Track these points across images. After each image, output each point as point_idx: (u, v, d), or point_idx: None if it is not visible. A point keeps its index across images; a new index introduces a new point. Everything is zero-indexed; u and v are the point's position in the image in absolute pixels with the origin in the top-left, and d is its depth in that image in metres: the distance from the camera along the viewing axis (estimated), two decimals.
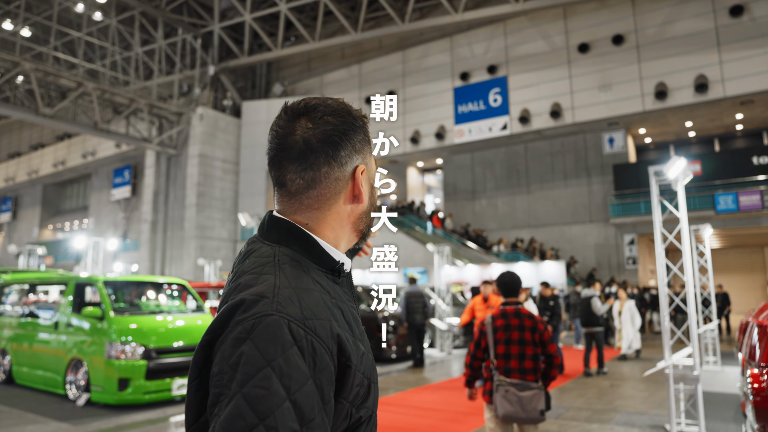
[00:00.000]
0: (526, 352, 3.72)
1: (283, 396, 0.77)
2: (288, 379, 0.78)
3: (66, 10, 26.31)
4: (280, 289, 0.86)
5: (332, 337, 0.86)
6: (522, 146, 24.34)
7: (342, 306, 0.96)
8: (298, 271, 0.92)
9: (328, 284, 0.96)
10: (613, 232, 21.85)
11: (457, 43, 24.31)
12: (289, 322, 0.82)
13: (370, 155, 1.06)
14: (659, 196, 5.79)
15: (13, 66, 20.90)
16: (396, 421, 6.50)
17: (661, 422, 6.22)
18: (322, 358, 0.83)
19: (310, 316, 0.84)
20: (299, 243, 0.97)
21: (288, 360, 0.79)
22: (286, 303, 0.84)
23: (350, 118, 1.01)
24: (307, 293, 0.88)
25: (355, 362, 0.89)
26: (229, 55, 27.81)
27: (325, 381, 0.83)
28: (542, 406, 3.66)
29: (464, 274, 21.06)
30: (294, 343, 0.80)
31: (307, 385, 0.80)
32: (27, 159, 38.77)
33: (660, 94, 19.45)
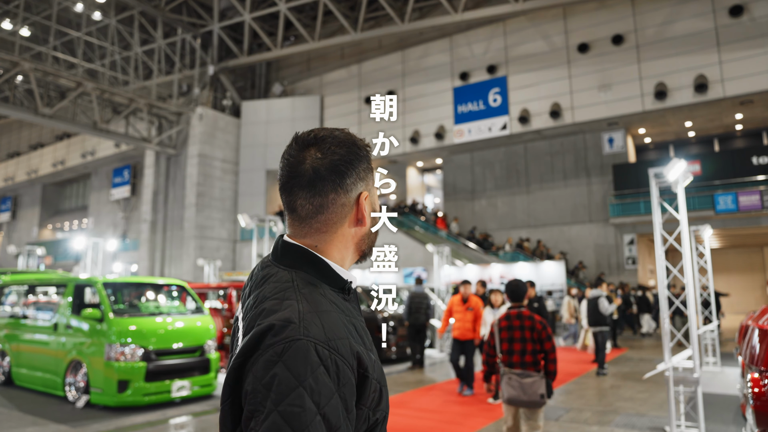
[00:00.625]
0: (527, 348, 4.38)
1: (315, 411, 0.87)
2: (318, 396, 0.89)
3: (65, 9, 26.28)
4: (304, 314, 0.96)
5: (352, 354, 0.97)
6: (522, 146, 24.33)
7: (355, 322, 1.06)
8: (315, 294, 1.02)
9: (341, 303, 1.07)
10: (612, 232, 21.85)
11: (456, 42, 24.29)
12: (316, 344, 0.92)
13: (372, 182, 1.16)
14: (659, 198, 5.79)
15: (13, 66, 20.87)
16: (395, 423, 6.50)
17: (661, 424, 6.21)
18: (344, 373, 0.94)
19: (332, 337, 0.95)
20: (312, 266, 1.08)
21: (317, 379, 0.89)
22: (311, 327, 0.94)
23: (355, 149, 1.12)
24: (327, 315, 0.98)
25: (372, 373, 1.00)
26: (228, 54, 27.78)
27: (348, 393, 0.94)
28: (542, 390, 4.28)
29: (464, 274, 21.05)
30: (321, 363, 0.91)
31: (333, 399, 0.90)
32: (26, 159, 38.74)
33: (659, 94, 19.44)
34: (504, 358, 4.45)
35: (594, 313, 10.34)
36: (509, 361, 4.41)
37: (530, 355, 4.35)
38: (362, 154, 1.13)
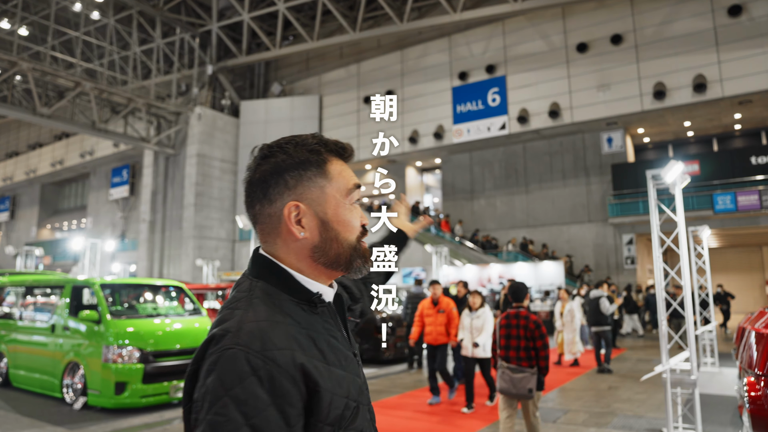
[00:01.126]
0: (521, 345, 4.87)
1: (240, 422, 0.86)
2: (245, 406, 0.87)
3: (63, 9, 26.26)
4: (245, 323, 0.95)
5: (294, 366, 0.93)
6: (520, 146, 24.33)
7: (315, 335, 1.01)
8: (267, 305, 1.00)
9: (300, 316, 1.03)
10: (611, 232, 21.85)
11: (455, 42, 24.28)
12: (248, 354, 0.90)
13: (319, 189, 1.08)
14: (656, 200, 5.78)
15: (11, 65, 20.85)
16: (392, 424, 6.49)
17: (659, 426, 6.21)
18: (281, 385, 0.90)
19: (270, 347, 0.92)
20: (274, 276, 1.06)
21: (245, 389, 0.88)
22: (247, 336, 0.93)
23: (286, 157, 1.07)
24: (271, 325, 0.96)
25: (325, 386, 0.96)
26: (227, 54, 27.76)
27: (287, 405, 0.91)
28: (531, 385, 4.77)
29: (463, 274, 21.05)
30: (252, 373, 0.89)
31: (267, 411, 0.88)
32: (25, 158, 38.71)
33: (658, 93, 19.44)
34: (501, 353, 4.97)
35: (595, 313, 10.54)
36: (506, 356, 4.92)
37: (524, 351, 4.84)
38: (294, 161, 1.07)
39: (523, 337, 4.86)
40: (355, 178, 1.14)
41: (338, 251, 1.08)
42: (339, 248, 1.08)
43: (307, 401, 0.95)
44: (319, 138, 1.12)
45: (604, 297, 10.55)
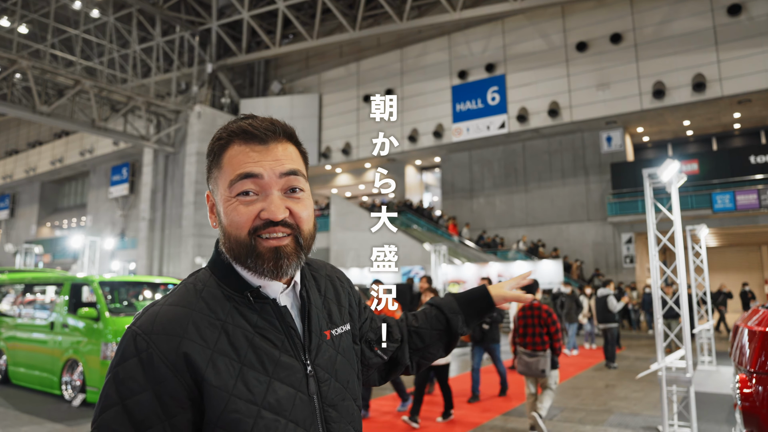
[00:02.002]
0: (536, 332, 5.82)
1: (115, 400, 0.86)
2: (121, 385, 0.87)
3: (63, 7, 26.25)
4: (153, 306, 0.95)
5: (177, 354, 0.89)
6: (520, 145, 24.34)
7: (232, 330, 0.94)
8: (188, 290, 0.98)
9: (222, 307, 0.96)
10: (610, 231, 21.87)
11: (455, 41, 24.28)
12: (136, 335, 0.90)
13: (212, 179, 1.03)
14: (653, 198, 5.80)
15: (10, 63, 20.85)
16: (387, 423, 6.52)
17: (655, 424, 6.24)
18: (159, 371, 0.87)
19: (158, 331, 0.90)
20: (215, 264, 1.04)
21: (125, 369, 0.88)
22: (146, 318, 0.92)
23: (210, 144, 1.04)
24: (172, 310, 0.93)
25: (217, 383, 0.89)
26: (227, 52, 27.76)
27: (164, 394, 0.87)
28: (543, 366, 5.73)
29: (462, 273, 21.09)
30: (136, 354, 0.88)
31: (143, 395, 0.86)
32: (25, 156, 38.73)
33: (658, 92, 19.45)
34: (520, 340, 5.93)
35: (603, 310, 10.95)
36: (524, 342, 5.90)
37: (539, 337, 5.81)
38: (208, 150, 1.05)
39: (537, 325, 5.84)
40: (248, 166, 0.98)
41: (230, 246, 0.99)
42: (230, 243, 0.99)
43: (197, 396, 0.89)
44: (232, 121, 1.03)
45: (611, 295, 10.95)
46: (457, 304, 1.39)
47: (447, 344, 1.39)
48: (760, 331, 3.64)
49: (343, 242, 23.43)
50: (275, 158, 0.99)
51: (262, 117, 1.03)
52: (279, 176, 0.99)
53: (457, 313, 1.37)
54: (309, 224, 1.04)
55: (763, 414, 3.42)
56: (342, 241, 23.47)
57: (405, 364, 1.34)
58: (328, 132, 27.23)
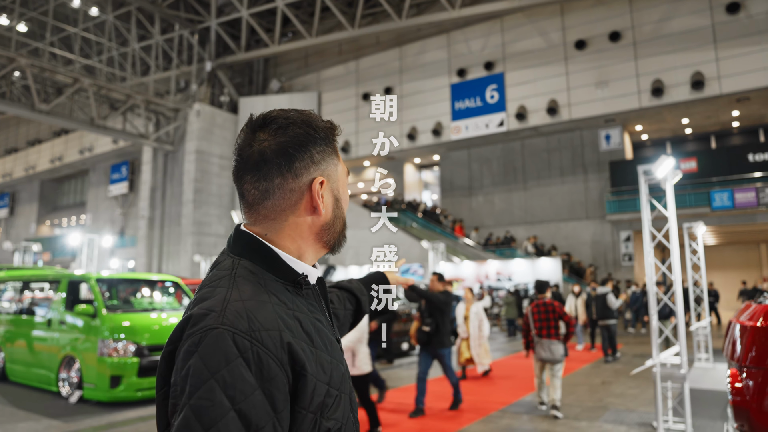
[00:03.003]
0: (551, 324, 6.73)
1: (228, 407, 0.81)
2: (232, 389, 0.82)
3: (62, 5, 26.24)
4: (229, 303, 0.90)
5: (282, 347, 0.88)
6: (519, 143, 24.35)
7: (301, 317, 0.97)
8: (252, 284, 0.95)
9: (286, 296, 0.98)
10: (609, 229, 21.89)
11: (454, 39, 24.28)
12: (234, 334, 0.85)
13: (335, 167, 1.07)
14: (648, 195, 5.82)
15: (9, 61, 20.84)
16: (384, 420, 6.53)
17: (650, 420, 6.26)
18: (269, 367, 0.86)
19: (257, 328, 0.87)
20: (259, 255, 1.01)
21: (232, 372, 0.83)
22: (233, 316, 0.87)
23: (309, 130, 1.03)
24: (258, 305, 0.91)
25: (311, 371, 0.91)
26: (226, 51, 27.75)
27: (274, 390, 0.86)
28: (562, 352, 6.65)
29: (461, 271, 21.12)
30: (239, 355, 0.84)
31: (254, 395, 0.83)
32: (24, 155, 38.73)
33: (656, 91, 19.45)
34: (536, 332, 6.79)
35: (602, 307, 11.41)
36: (540, 333, 6.76)
37: (554, 329, 6.72)
38: (319, 136, 1.04)
39: (552, 318, 6.74)
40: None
41: (340, 228, 1.10)
42: (341, 226, 1.10)
43: (292, 386, 0.90)
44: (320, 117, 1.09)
45: (610, 293, 11.44)
46: (363, 285, 1.58)
47: (352, 323, 1.55)
48: (751, 326, 3.65)
49: None
50: None
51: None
52: None
53: (364, 294, 1.55)
54: None
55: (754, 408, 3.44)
56: None
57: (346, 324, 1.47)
58: None
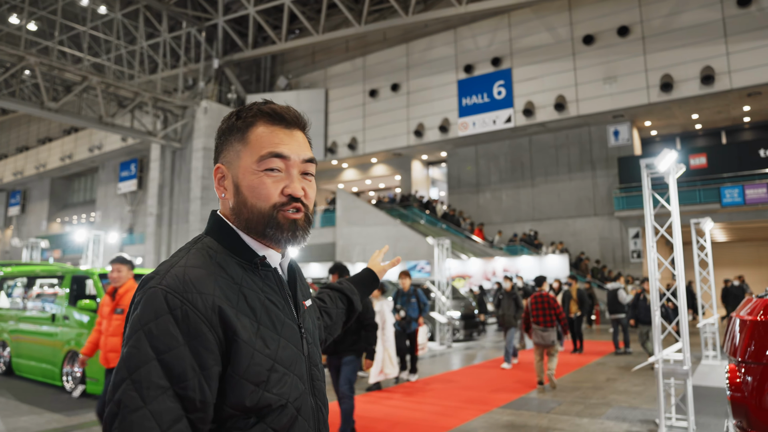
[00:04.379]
0: (546, 313, 7.93)
1: (152, 355, 0.90)
2: (157, 341, 0.91)
3: (71, 3, 26.38)
4: (173, 268, 1.00)
5: (213, 310, 0.96)
6: (526, 139, 24.21)
7: (248, 293, 1.04)
8: (204, 256, 1.04)
9: (236, 272, 1.05)
10: (617, 226, 21.72)
11: (461, 35, 24.16)
12: (167, 293, 0.95)
13: (236, 153, 1.11)
14: (651, 189, 5.74)
15: (19, 60, 20.99)
16: (388, 414, 6.52)
17: (653, 417, 6.19)
18: (196, 325, 0.94)
19: (190, 290, 0.96)
20: (219, 233, 1.11)
21: (159, 325, 0.92)
22: (171, 279, 0.97)
23: (222, 124, 1.14)
24: (199, 273, 1.00)
25: (246, 339, 0.98)
26: (233, 48, 27.80)
27: (201, 348, 0.94)
28: (554, 338, 7.93)
29: (468, 268, 21.04)
30: (169, 312, 0.93)
31: (178, 349, 0.92)
32: (35, 153, 39.04)
33: (666, 86, 19.24)
34: (533, 320, 8.01)
35: (613, 302, 11.80)
36: (537, 321, 7.99)
37: (549, 317, 7.91)
38: (223, 127, 1.14)
39: (547, 308, 7.94)
40: (279, 146, 1.10)
41: (248, 217, 1.09)
42: (248, 214, 1.08)
43: (225, 349, 0.97)
44: (259, 103, 1.13)
45: (621, 288, 11.79)
46: (353, 285, 1.64)
47: (345, 322, 1.60)
48: (750, 320, 3.59)
49: (349, 237, 23.43)
50: (299, 144, 1.13)
51: (283, 104, 1.15)
52: (302, 161, 1.12)
53: (355, 293, 1.62)
54: (312, 205, 1.17)
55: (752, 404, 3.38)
56: (348, 236, 23.47)
57: (321, 338, 1.45)
58: (335, 127, 27.22)
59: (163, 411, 0.88)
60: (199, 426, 0.94)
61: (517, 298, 10.20)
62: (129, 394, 0.88)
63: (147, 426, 0.87)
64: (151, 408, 0.88)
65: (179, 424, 0.90)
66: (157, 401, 0.88)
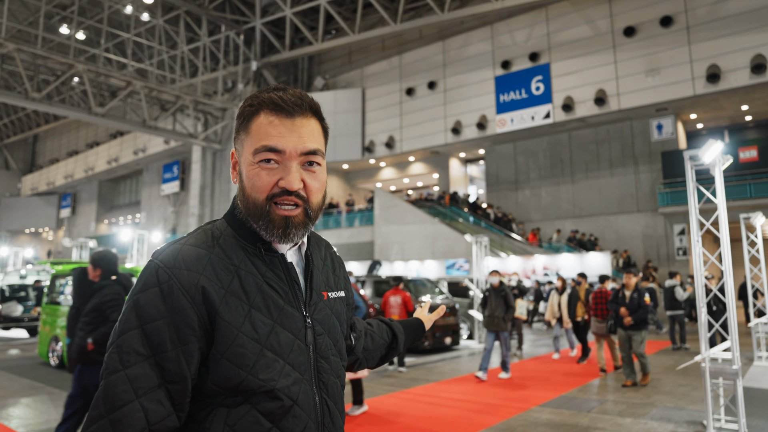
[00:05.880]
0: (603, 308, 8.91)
1: (135, 324, 0.96)
2: (142, 311, 0.96)
3: (116, 12, 27.26)
4: (173, 245, 1.04)
5: (197, 288, 0.98)
6: (566, 135, 23.73)
7: (243, 275, 1.04)
8: (206, 236, 1.07)
9: (236, 254, 1.06)
10: (662, 222, 21.07)
11: (497, 31, 23.87)
12: (159, 267, 0.99)
13: (241, 143, 1.11)
14: (695, 182, 5.54)
15: (69, 68, 21.84)
16: (423, 411, 6.49)
17: (700, 418, 5.97)
18: (178, 301, 0.97)
19: (179, 266, 0.99)
20: (230, 217, 1.13)
21: (146, 296, 0.97)
22: (167, 255, 1.01)
23: (241, 105, 1.13)
24: (194, 251, 1.02)
25: (229, 319, 0.99)
26: (271, 50, 28.20)
27: (181, 323, 0.96)
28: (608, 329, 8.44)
29: (507, 265, 20.78)
30: (157, 285, 0.98)
31: (161, 321, 0.95)
32: (84, 157, 40.54)
33: (712, 76, 18.55)
34: (592, 312, 9.22)
35: (670, 299, 12.06)
36: (596, 314, 9.10)
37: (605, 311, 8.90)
38: (239, 111, 1.12)
39: (604, 303, 8.81)
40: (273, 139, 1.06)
41: (247, 207, 1.08)
42: (247, 203, 1.08)
43: (209, 328, 0.99)
44: (268, 89, 1.10)
45: (677, 285, 12.02)
46: (402, 327, 1.60)
47: (383, 356, 1.54)
48: None
49: (387, 236, 23.45)
50: (299, 135, 1.07)
51: (292, 90, 1.10)
52: (299, 154, 1.07)
53: (401, 333, 1.58)
54: (318, 196, 1.12)
55: None
56: (386, 235, 23.50)
57: (358, 356, 1.43)
58: (372, 126, 27.29)
59: (139, 376, 0.92)
60: (177, 398, 0.96)
61: (507, 296, 8.51)
62: (112, 356, 0.94)
63: (121, 388, 0.91)
64: (129, 372, 0.92)
65: (157, 391, 0.93)
66: (135, 366, 0.93)
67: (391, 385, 8.12)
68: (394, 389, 7.79)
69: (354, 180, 30.90)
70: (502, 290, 8.54)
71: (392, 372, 9.26)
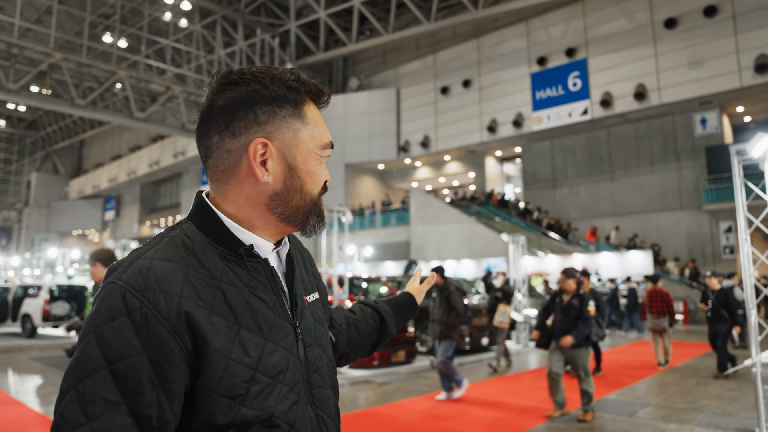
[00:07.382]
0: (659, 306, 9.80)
1: (102, 364, 0.77)
2: (109, 347, 0.78)
3: (155, 19, 27.97)
4: (138, 260, 0.85)
5: (178, 314, 0.81)
6: (604, 131, 23.19)
7: (227, 289, 0.88)
8: (177, 246, 0.89)
9: (215, 264, 0.90)
10: (707, 220, 20.36)
11: (532, 27, 23.50)
12: (126, 291, 0.81)
13: (293, 132, 0.95)
14: (742, 177, 5.32)
15: (111, 75, 22.52)
16: (460, 412, 6.42)
17: (751, 426, 5.72)
18: (156, 332, 0.80)
19: (153, 289, 0.81)
20: (202, 219, 0.94)
21: (113, 329, 0.79)
22: (132, 273, 0.83)
23: (259, 87, 0.93)
24: (167, 267, 0.85)
25: (218, 347, 0.83)
26: (305, 52, 28.46)
27: (162, 358, 0.80)
28: (665, 325, 9.72)
29: (545, 265, 20.44)
30: (126, 314, 0.79)
31: (134, 359, 0.78)
32: (126, 160, 41.79)
33: (761, 67, 17.80)
34: (649, 310, 10.01)
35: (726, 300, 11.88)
36: (651, 311, 9.89)
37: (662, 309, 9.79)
38: (269, 94, 0.93)
39: (660, 301, 9.73)
40: (328, 135, 1.02)
41: (298, 204, 0.96)
42: (300, 200, 0.96)
43: (194, 360, 0.83)
44: (297, 74, 0.97)
45: (736, 286, 11.84)
46: (389, 306, 1.43)
47: (374, 343, 1.39)
48: None
49: (423, 235, 23.37)
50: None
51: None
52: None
53: (390, 315, 1.41)
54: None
55: None
56: (422, 235, 23.42)
57: (342, 350, 1.31)
58: (407, 126, 27.25)
59: (109, 429, 0.76)
60: None
61: (450, 296, 7.10)
62: (71, 407, 0.77)
63: None
64: (95, 426, 0.76)
65: None
66: (103, 418, 0.76)
67: (427, 386, 8.06)
68: (427, 390, 7.73)
69: (390, 180, 30.91)
70: (446, 289, 7.20)
71: (428, 373, 9.20)
